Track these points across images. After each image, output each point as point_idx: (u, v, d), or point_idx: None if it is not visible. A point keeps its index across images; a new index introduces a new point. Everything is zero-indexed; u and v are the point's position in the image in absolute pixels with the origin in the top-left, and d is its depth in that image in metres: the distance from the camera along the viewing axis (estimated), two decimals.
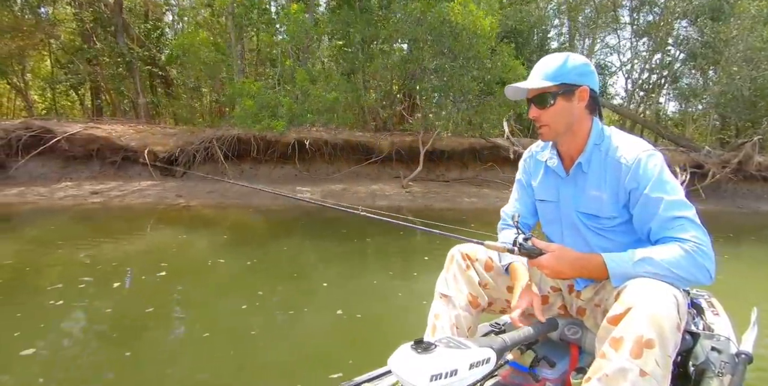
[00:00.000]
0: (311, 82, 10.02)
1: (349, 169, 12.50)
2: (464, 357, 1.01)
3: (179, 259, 5.18)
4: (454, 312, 1.48)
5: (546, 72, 1.33)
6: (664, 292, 1.09)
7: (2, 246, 5.76)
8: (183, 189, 10.91)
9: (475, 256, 1.54)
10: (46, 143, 11.51)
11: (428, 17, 9.48)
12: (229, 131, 11.61)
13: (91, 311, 3.57)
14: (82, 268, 4.69)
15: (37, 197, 10.26)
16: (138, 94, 15.63)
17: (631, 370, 1.02)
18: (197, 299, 3.98)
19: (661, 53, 17.16)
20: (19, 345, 2.79)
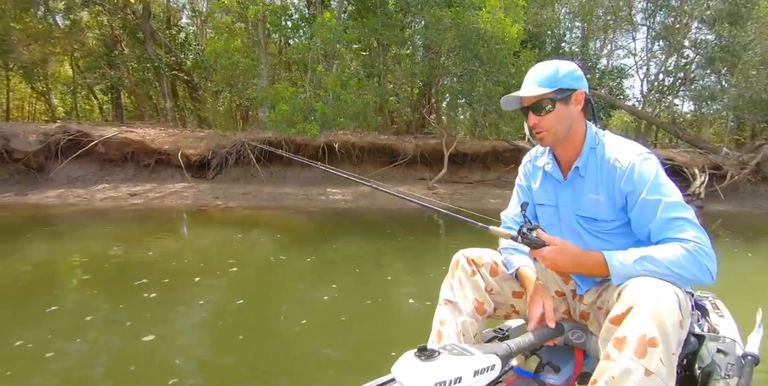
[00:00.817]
0: (342, 87, 10.39)
1: (375, 172, 12.86)
2: (468, 364, 1.01)
3: (244, 257, 5.55)
4: (460, 318, 1.46)
5: (541, 79, 1.35)
6: (664, 290, 1.09)
7: (74, 245, 6.16)
8: (217, 191, 11.31)
9: (480, 261, 1.53)
10: (83, 146, 11.95)
11: (458, 25, 9.82)
12: (259, 134, 12.01)
13: (185, 302, 3.93)
14: (157, 265, 5.07)
15: (78, 199, 10.70)
16: (165, 98, 16.11)
17: (636, 370, 1.02)
18: (279, 291, 4.35)
19: (677, 56, 17.43)
20: (138, 332, 3.13)
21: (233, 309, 3.74)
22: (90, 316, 3.43)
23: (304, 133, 10.08)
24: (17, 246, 6.00)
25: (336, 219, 8.89)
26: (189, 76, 16.89)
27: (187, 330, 3.32)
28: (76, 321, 3.32)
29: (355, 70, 12.58)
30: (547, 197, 1.54)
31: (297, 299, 4.10)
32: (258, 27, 12.16)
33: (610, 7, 18.46)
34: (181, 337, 3.16)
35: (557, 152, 1.49)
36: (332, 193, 11.30)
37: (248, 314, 3.65)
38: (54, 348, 2.84)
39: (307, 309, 3.76)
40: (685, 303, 1.12)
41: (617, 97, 18.04)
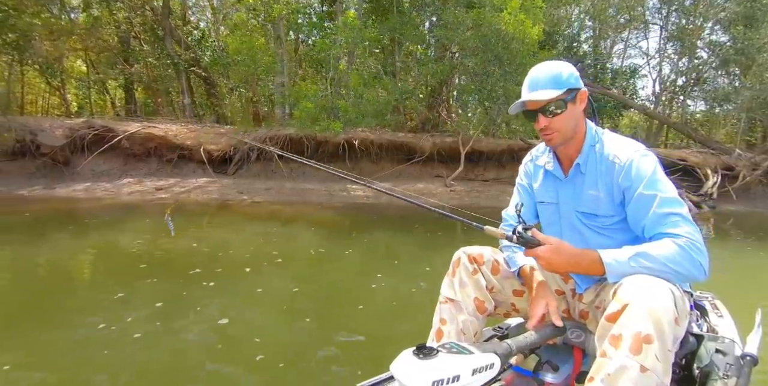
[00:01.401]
0: (364, 86, 10.65)
1: (393, 169, 13.12)
2: (467, 363, 1.01)
3: (285, 249, 5.82)
4: (461, 317, 1.47)
5: (548, 81, 1.36)
6: (659, 287, 1.10)
7: (120, 236, 6.46)
8: (240, 186, 11.60)
9: (482, 259, 1.53)
10: (107, 141, 12.25)
11: (480, 25, 10.06)
12: (280, 131, 12.28)
13: (244, 290, 4.19)
14: (204, 256, 5.35)
15: (105, 193, 11.01)
16: (183, 94, 16.39)
17: (631, 367, 1.03)
18: (328, 280, 4.63)
19: (689, 57, 17.62)
20: (211, 316, 3.39)
21: (291, 296, 4.02)
22: (159, 303, 3.69)
23: (328, 130, 10.35)
24: (66, 237, 6.31)
25: (362, 214, 9.16)
26: (206, 73, 17.12)
27: (256, 314, 3.59)
28: (149, 307, 3.59)
29: (375, 68, 12.78)
30: (548, 195, 1.57)
31: (348, 287, 4.38)
32: (279, 25, 12.38)
33: (623, 7, 18.66)
34: (252, 320, 3.43)
35: (559, 151, 1.51)
36: (353, 189, 11.59)
37: (307, 300, 3.93)
38: (139, 330, 3.10)
39: (360, 295, 4.04)
40: (681, 300, 1.14)
41: (630, 97, 18.22)
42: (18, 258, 5.10)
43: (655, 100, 19.32)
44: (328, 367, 2.65)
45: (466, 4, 11.34)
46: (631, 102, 17.51)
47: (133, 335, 3.02)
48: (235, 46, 11.64)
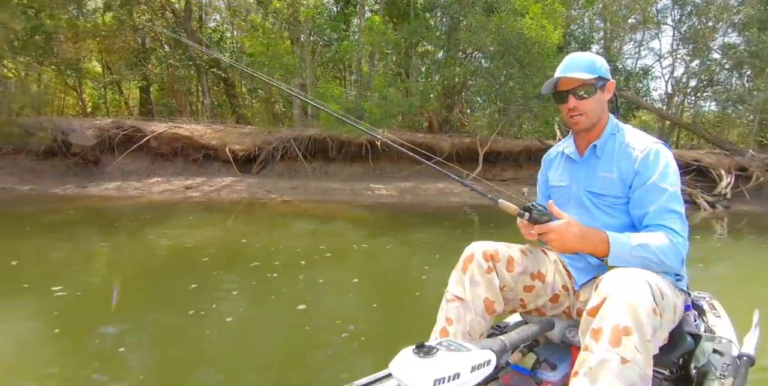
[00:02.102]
0: (388, 87, 11.04)
1: (413, 169, 13.49)
2: (466, 360, 1.02)
3: (331, 244, 6.18)
4: (468, 317, 1.44)
5: (583, 66, 1.46)
6: (636, 279, 1.14)
7: (172, 233, 6.85)
8: (267, 185, 11.98)
9: (497, 256, 1.49)
10: (136, 141, 12.67)
11: (502, 30, 10.42)
12: (304, 132, 12.67)
13: (307, 280, 4.51)
14: (257, 250, 5.72)
15: (137, 191, 11.42)
16: (204, 95, 16.81)
17: (612, 359, 1.06)
18: (381, 271, 4.99)
19: (702, 58, 17.89)
20: (288, 303, 3.72)
21: (353, 285, 4.38)
22: (235, 292, 4.05)
23: (355, 131, 10.73)
24: (122, 234, 6.69)
25: (391, 212, 9.54)
26: (225, 74, 17.52)
27: (328, 301, 3.94)
28: (226, 296, 3.92)
29: (396, 70, 13.16)
30: (560, 178, 1.65)
31: (401, 277, 4.76)
32: (303, 28, 12.76)
33: (634, 8, 18.96)
34: (327, 306, 3.78)
35: (579, 137, 1.61)
36: (376, 188, 11.97)
37: (368, 288, 4.29)
38: (229, 315, 3.42)
39: (413, 284, 4.40)
40: (660, 292, 1.16)
41: (643, 98, 18.53)
42: (85, 254, 5.49)
43: (667, 100, 19.60)
44: (409, 337, 3.02)
45: (486, 8, 11.70)
46: (644, 103, 17.82)
47: (225, 319, 3.36)
48: (260, 49, 12.00)
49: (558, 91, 1.51)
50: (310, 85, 13.03)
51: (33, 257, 5.11)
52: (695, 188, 13.13)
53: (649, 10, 19.05)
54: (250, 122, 16.56)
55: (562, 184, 1.63)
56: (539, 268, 1.54)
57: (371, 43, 11.16)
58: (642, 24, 19.58)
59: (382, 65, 13.20)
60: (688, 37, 17.82)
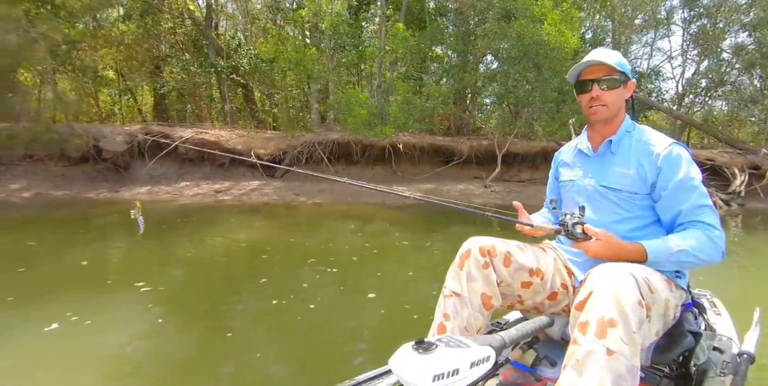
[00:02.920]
0: (411, 92, 11.49)
1: (433, 171, 13.92)
2: (465, 356, 1.04)
3: (374, 242, 6.59)
4: (465, 313, 1.46)
5: (611, 59, 1.49)
6: (621, 273, 1.17)
7: (223, 233, 7.28)
8: (294, 188, 12.43)
9: (494, 251, 1.51)
10: (165, 147, 13.13)
11: (522, 36, 10.85)
12: (328, 136, 13.12)
13: (366, 274, 4.88)
14: (309, 248, 6.12)
15: (168, 195, 11.88)
16: (225, 101, 17.28)
17: (597, 351, 1.08)
18: (429, 265, 5.38)
19: (712, 58, 18.26)
20: (357, 292, 4.11)
21: (410, 277, 4.78)
22: (305, 284, 4.43)
23: (382, 134, 11.17)
24: (171, 235, 7.10)
25: (421, 212, 9.93)
26: (244, 80, 17.99)
27: (392, 290, 4.30)
28: (299, 287, 4.29)
29: (417, 75, 13.61)
30: (573, 172, 1.67)
31: (447, 269, 5.17)
32: (325, 35, 13.23)
33: (646, 10, 19.33)
34: (393, 295, 4.14)
35: (593, 132, 1.63)
36: (399, 190, 12.37)
37: (425, 280, 4.65)
38: (309, 303, 3.75)
39: None
40: (646, 284, 1.19)
41: (655, 99, 18.90)
42: (149, 253, 5.90)
43: (677, 100, 19.95)
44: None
45: (504, 14, 12.14)
46: (657, 104, 18.20)
47: (309, 306, 3.74)
48: (285, 56, 12.47)
49: (582, 79, 1.53)
50: (332, 90, 13.47)
51: (99, 257, 5.53)
52: (710, 187, 13.48)
53: (657, 9, 19.42)
54: (269, 127, 17.02)
55: (574, 178, 1.64)
56: (537, 265, 1.55)
57: (395, 50, 11.61)
58: (653, 23, 19.92)
59: (403, 70, 13.65)
60: (697, 38, 18.19)
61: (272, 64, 15.74)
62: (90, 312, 3.44)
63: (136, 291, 4.04)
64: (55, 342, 2.97)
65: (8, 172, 13.08)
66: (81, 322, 3.26)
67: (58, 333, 3.08)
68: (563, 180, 1.72)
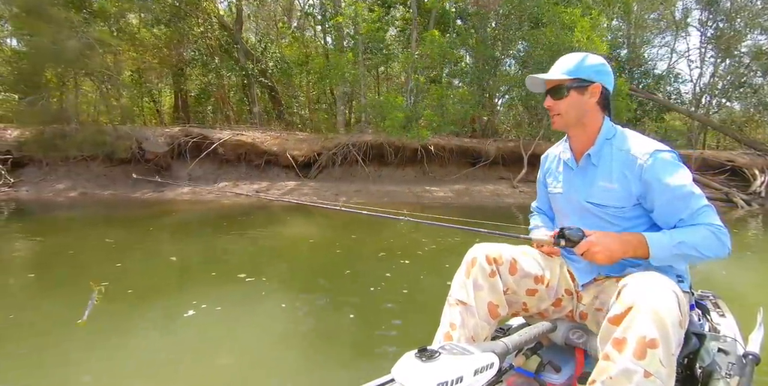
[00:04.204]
0: (445, 96, 12.11)
1: (461, 172, 14.52)
2: (469, 364, 1.04)
3: (432, 239, 7.07)
4: (472, 322, 1.45)
5: (564, 67, 1.49)
6: (664, 289, 1.13)
7: (287, 231, 7.91)
8: (330, 188, 13.03)
9: (501, 259, 1.50)
10: (205, 148, 13.78)
11: (553, 43, 11.43)
12: (361, 137, 13.73)
13: (439, 266, 5.38)
14: (373, 244, 6.68)
15: (211, 195, 12.50)
16: (254, 103, 17.91)
17: (635, 372, 1.06)
18: None
19: (730, 60, 18.77)
20: (442, 281, 4.68)
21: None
22: (387, 274, 4.95)
23: (419, 137, 11.78)
24: (239, 232, 7.67)
25: (460, 211, 10.55)
26: (271, 82, 18.58)
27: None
28: (384, 276, 4.71)
29: (447, 80, 14.23)
30: (558, 185, 1.65)
31: None
32: (358, 41, 13.84)
33: (665, 14, 19.85)
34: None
35: (571, 141, 1.61)
36: (432, 190, 12.99)
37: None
38: (403, 288, 4.18)
39: None
40: (684, 302, 1.17)
41: (674, 101, 19.43)
42: (233, 248, 6.48)
43: (695, 102, 20.43)
44: None
45: (534, 22, 12.72)
46: (675, 106, 18.74)
47: (402, 291, 4.26)
48: (319, 61, 13.09)
49: (546, 89, 1.55)
50: (363, 93, 14.08)
51: (184, 253, 6.02)
52: (731, 187, 14.02)
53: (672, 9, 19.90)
54: (296, 128, 17.64)
55: (560, 192, 1.64)
56: (542, 272, 1.55)
57: (430, 55, 12.23)
58: (672, 26, 20.41)
59: (434, 74, 14.27)
60: (715, 40, 18.68)
61: (301, 68, 16.37)
62: (214, 301, 3.84)
63: (242, 282, 4.45)
64: (198, 326, 3.36)
65: (52, 173, 13.76)
66: (212, 309, 3.67)
67: (198, 319, 3.47)
68: (551, 192, 1.72)
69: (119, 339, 3.03)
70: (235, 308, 3.78)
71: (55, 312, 3.58)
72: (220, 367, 2.72)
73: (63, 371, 2.60)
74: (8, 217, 9.21)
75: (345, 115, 17.30)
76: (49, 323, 3.33)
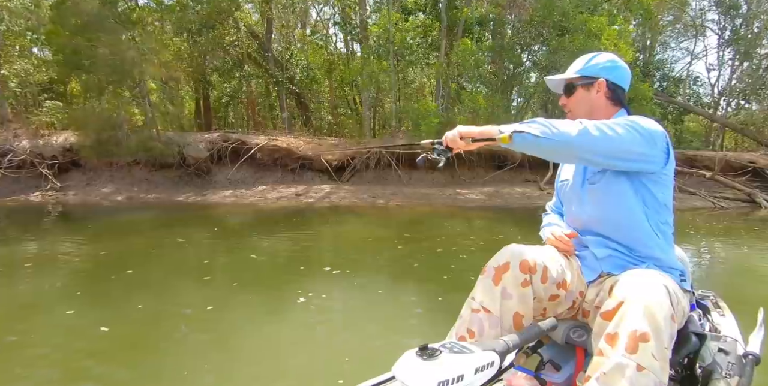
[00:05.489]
0: (478, 102, 12.75)
1: (489, 176, 15.13)
2: (469, 362, 1.05)
3: (483, 237, 7.73)
4: (493, 333, 1.38)
5: (574, 66, 1.62)
6: (654, 283, 1.16)
7: (346, 229, 8.52)
8: (365, 191, 13.68)
9: (536, 268, 1.42)
10: (243, 153, 14.47)
11: (581, 50, 12.02)
12: (393, 142, 14.38)
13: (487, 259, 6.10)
14: (429, 241, 7.26)
15: (253, 198, 13.18)
16: (283, 109, 18.64)
17: (628, 366, 1.07)
18: None
19: (749, 62, 19.26)
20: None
21: None
22: (452, 265, 5.61)
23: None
24: (299, 230, 8.29)
25: (498, 212, 11.15)
26: (298, 89, 19.29)
27: None
28: (447, 268, 5.34)
29: (476, 85, 14.87)
30: (567, 173, 1.71)
31: None
32: (391, 48, 14.51)
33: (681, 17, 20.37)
34: None
35: None
36: (463, 193, 13.63)
37: None
38: (471, 275, 4.84)
39: None
40: (676, 296, 1.20)
41: (694, 104, 19.93)
42: (309, 245, 7.11)
43: (714, 104, 20.90)
44: None
45: (558, 29, 13.33)
46: (696, 109, 19.23)
47: (470, 277, 4.67)
48: (357, 68, 13.78)
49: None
50: (394, 100, 14.75)
51: (261, 251, 6.53)
52: (753, 188, 14.49)
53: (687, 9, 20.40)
54: (324, 133, 18.34)
55: (567, 179, 1.70)
56: (563, 277, 1.50)
57: (463, 64, 12.89)
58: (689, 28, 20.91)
59: (463, 80, 14.93)
60: (733, 43, 19.17)
61: (328, 74, 17.06)
62: (317, 290, 4.31)
63: (330, 275, 4.96)
64: (313, 310, 3.83)
65: (96, 178, 14.56)
66: (318, 297, 4.13)
67: (310, 304, 3.94)
68: (561, 180, 1.77)
69: (252, 324, 3.57)
70: (339, 295, 4.32)
71: (185, 302, 4.12)
72: (343, 342, 3.20)
73: (222, 347, 3.10)
74: (70, 220, 9.99)
75: (370, 120, 17.98)
76: (179, 310, 3.86)
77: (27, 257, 5.88)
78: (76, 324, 3.50)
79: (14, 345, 3.10)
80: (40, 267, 5.30)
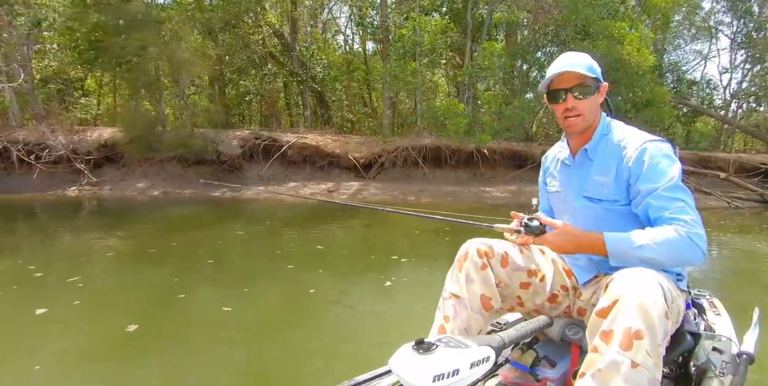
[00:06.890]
0: (505, 104, 13.44)
1: (511, 174, 15.83)
2: (465, 357, 1.07)
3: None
4: (465, 314, 1.49)
5: (584, 65, 1.47)
6: (649, 281, 1.17)
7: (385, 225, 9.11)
8: (394, 188, 14.36)
9: (492, 252, 1.54)
10: (275, 150, 15.12)
11: (605, 55, 12.69)
12: (419, 141, 15.07)
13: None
14: (466, 236, 7.96)
15: (287, 195, 13.77)
16: (305, 107, 19.29)
17: (622, 363, 1.09)
18: None
19: (761, 65, 19.90)
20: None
21: None
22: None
23: (481, 141, 13.10)
24: (352, 224, 8.94)
25: (526, 211, 11.71)
26: (320, 87, 19.94)
27: None
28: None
29: (502, 89, 15.55)
30: (556, 183, 1.72)
31: None
32: (416, 49, 15.17)
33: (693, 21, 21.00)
34: None
35: (570, 139, 1.65)
36: (488, 190, 14.34)
37: None
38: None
39: None
40: (671, 294, 1.21)
41: (708, 106, 20.59)
42: (371, 238, 7.75)
43: (725, 106, 21.54)
44: None
45: (581, 32, 13.99)
46: (710, 111, 19.90)
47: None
48: (385, 69, 14.46)
49: (554, 88, 1.51)
50: (419, 99, 15.43)
51: (324, 242, 6.95)
52: (766, 188, 15.14)
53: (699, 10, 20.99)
54: (345, 131, 19.01)
55: (559, 190, 1.69)
56: (535, 266, 1.58)
57: (489, 66, 13.57)
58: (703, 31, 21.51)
59: (491, 83, 15.63)
60: (745, 46, 19.80)
61: (351, 74, 17.72)
62: (396, 275, 4.70)
63: (399, 262, 5.36)
64: (400, 292, 4.21)
65: (130, 173, 15.20)
66: (400, 280, 4.50)
67: (396, 287, 4.33)
68: (550, 191, 1.77)
69: (361, 303, 3.99)
70: (416, 279, 4.74)
71: (283, 285, 4.49)
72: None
73: (347, 322, 3.51)
74: (116, 214, 10.31)
75: (390, 119, 18.61)
76: (286, 293, 4.30)
77: (105, 247, 6.23)
78: (198, 306, 3.85)
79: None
80: (120, 258, 5.58)
